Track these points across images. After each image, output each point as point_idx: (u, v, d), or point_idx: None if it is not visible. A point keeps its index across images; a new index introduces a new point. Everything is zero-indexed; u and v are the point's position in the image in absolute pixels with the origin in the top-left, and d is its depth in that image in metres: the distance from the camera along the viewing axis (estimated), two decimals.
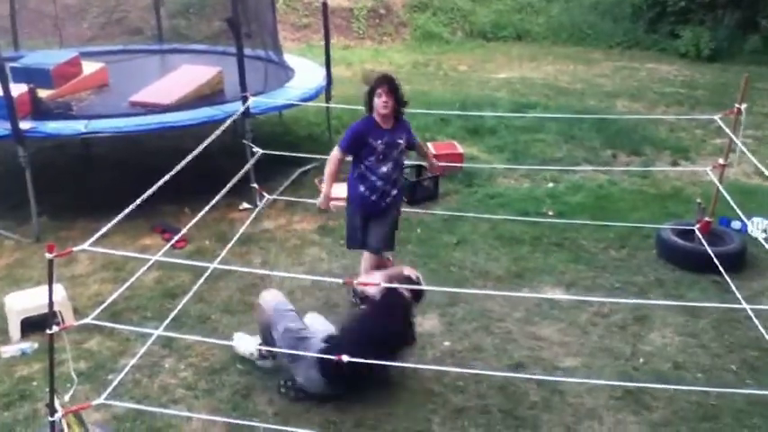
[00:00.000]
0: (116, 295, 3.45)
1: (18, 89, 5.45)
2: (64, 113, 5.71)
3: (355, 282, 4.03)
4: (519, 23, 14.20)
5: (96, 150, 6.92)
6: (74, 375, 3.11)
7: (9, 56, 6.42)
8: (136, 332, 3.90)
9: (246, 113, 5.49)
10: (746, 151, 4.86)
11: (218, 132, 4.62)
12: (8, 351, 3.92)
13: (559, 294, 4.59)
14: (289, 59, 7.50)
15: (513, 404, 3.53)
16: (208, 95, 6.16)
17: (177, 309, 3.95)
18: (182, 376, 3.73)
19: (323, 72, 7.07)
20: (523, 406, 3.53)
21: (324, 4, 7.27)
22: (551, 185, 6.51)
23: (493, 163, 6.89)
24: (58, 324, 2.91)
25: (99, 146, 6.82)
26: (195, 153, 4.10)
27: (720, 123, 5.05)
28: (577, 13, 14.25)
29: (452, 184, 6.38)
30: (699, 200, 5.29)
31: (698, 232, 5.03)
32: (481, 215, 5.63)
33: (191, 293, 4.14)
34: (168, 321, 3.84)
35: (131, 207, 3.32)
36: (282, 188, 6.12)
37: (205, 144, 4.31)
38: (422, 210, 5.77)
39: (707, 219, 5.03)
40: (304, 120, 8.14)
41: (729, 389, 3.57)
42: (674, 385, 3.60)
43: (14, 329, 4.04)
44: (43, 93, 5.89)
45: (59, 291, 4.06)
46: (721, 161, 4.95)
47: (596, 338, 4.13)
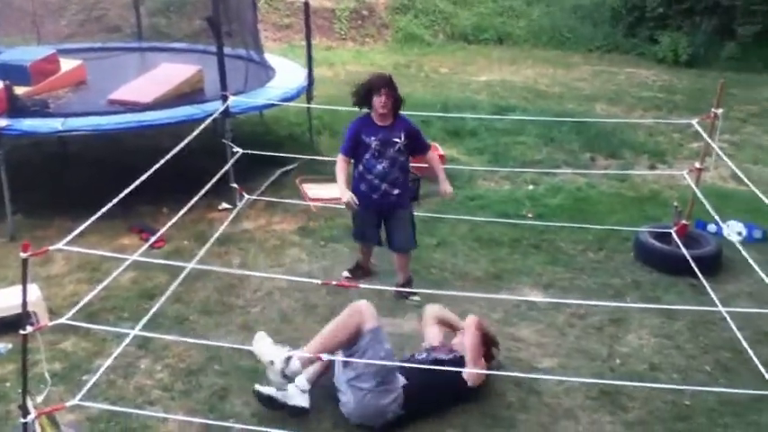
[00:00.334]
0: (92, 296, 3.42)
1: None
2: (41, 111, 5.62)
3: (334, 282, 3.99)
4: (500, 26, 14.27)
5: (73, 149, 6.83)
6: (47, 376, 3.07)
7: None
8: (112, 333, 3.85)
9: (226, 113, 5.46)
10: (723, 155, 4.93)
11: (197, 131, 4.60)
12: None
13: (537, 296, 4.62)
14: (270, 59, 7.47)
15: (490, 404, 3.55)
16: (187, 94, 6.11)
17: (154, 309, 3.91)
18: (158, 377, 3.69)
19: (304, 72, 7.05)
20: (500, 406, 3.55)
21: (305, 4, 7.26)
22: (531, 188, 6.55)
23: (473, 165, 6.92)
24: (33, 324, 2.87)
25: (76, 144, 6.73)
26: (174, 152, 4.08)
27: (697, 127, 5.13)
28: (558, 17, 14.35)
29: (433, 186, 6.37)
30: (676, 203, 5.36)
31: (675, 235, 5.09)
32: (461, 217, 5.65)
33: (168, 294, 4.11)
34: (145, 322, 3.80)
35: (108, 206, 3.29)
36: (263, 188, 6.09)
37: (184, 143, 4.28)
38: None
39: (683, 222, 5.10)
40: (285, 120, 8.11)
41: (703, 388, 3.61)
42: (650, 386, 3.64)
43: None
44: (20, 90, 5.80)
45: (34, 291, 4.01)
46: (698, 165, 5.01)
47: (573, 339, 4.17)
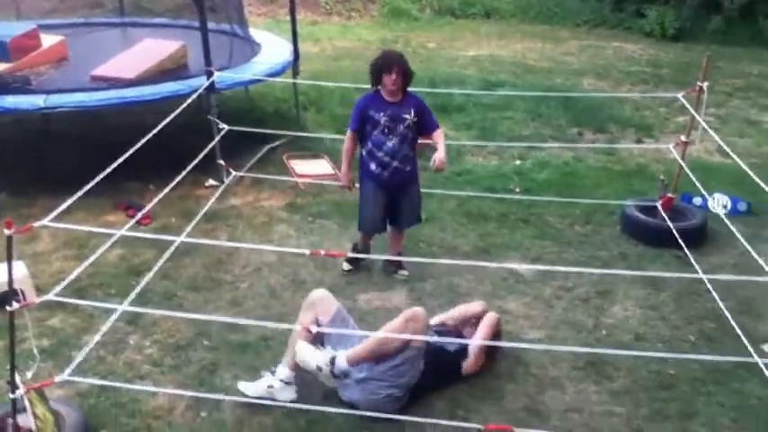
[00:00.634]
0: (79, 271, 3.38)
1: None
2: (22, 88, 5.55)
3: (323, 252, 3.95)
4: (487, 1, 14.19)
5: (56, 126, 6.74)
6: (36, 352, 3.06)
7: None
8: (100, 308, 3.84)
9: (211, 88, 5.41)
10: (708, 129, 4.95)
11: (182, 107, 4.56)
12: None
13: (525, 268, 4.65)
14: (255, 34, 7.38)
15: (479, 375, 3.58)
16: (171, 70, 6.03)
17: (142, 285, 3.90)
18: (147, 353, 3.70)
19: (290, 47, 6.99)
20: (488, 377, 3.59)
21: None
22: (518, 162, 6.56)
23: (461, 140, 6.91)
24: (19, 301, 2.86)
25: (59, 121, 6.64)
26: (159, 127, 4.05)
27: (683, 101, 5.14)
28: None
29: (421, 161, 6.34)
30: (662, 176, 5.39)
31: (660, 208, 5.13)
32: (449, 192, 5.66)
33: (155, 270, 4.10)
34: (133, 298, 3.80)
35: (93, 182, 3.26)
36: (249, 165, 6.06)
37: (169, 119, 4.24)
38: None
39: (669, 195, 5.13)
40: (271, 96, 8.05)
41: (687, 356, 3.67)
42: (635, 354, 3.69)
43: None
44: (0, 66, 5.71)
45: (21, 268, 3.98)
46: (684, 138, 5.03)
47: (560, 311, 4.21)
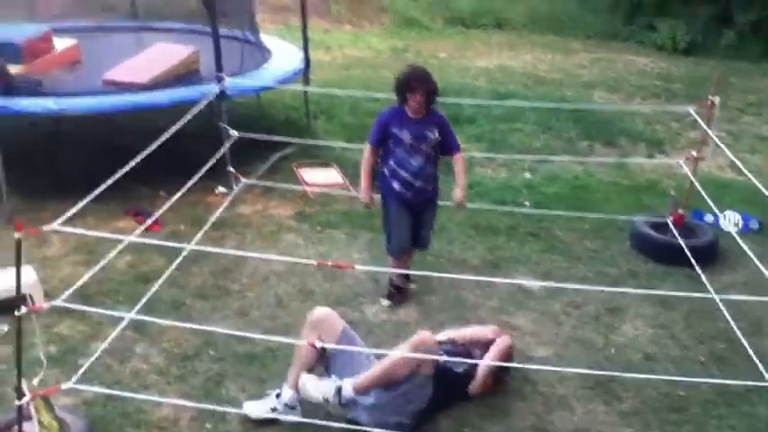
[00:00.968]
0: (87, 278, 3.38)
1: None
2: (34, 90, 5.56)
3: (330, 263, 3.92)
4: (499, 11, 14.17)
5: (68, 130, 6.77)
6: (43, 359, 3.05)
7: None
8: (107, 316, 3.83)
9: (222, 95, 5.40)
10: (720, 143, 4.92)
11: (192, 113, 4.55)
12: None
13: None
14: (266, 40, 7.39)
15: (486, 394, 3.55)
16: (183, 75, 6.04)
17: (150, 293, 3.89)
18: (153, 362, 3.68)
19: (301, 54, 6.98)
20: (496, 396, 3.56)
21: None
22: (528, 175, 6.53)
23: (471, 152, 6.87)
24: (28, 306, 2.85)
25: (70, 125, 6.67)
26: (169, 133, 4.06)
27: (695, 115, 5.12)
28: (556, 2, 14.27)
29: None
30: (672, 192, 5.36)
31: (671, 225, 5.09)
32: None
33: (164, 277, 4.09)
34: (141, 306, 3.79)
35: (102, 187, 3.27)
36: (260, 173, 6.05)
37: (179, 125, 4.25)
38: None
39: (680, 211, 5.10)
40: (281, 103, 8.04)
41: (698, 379, 3.63)
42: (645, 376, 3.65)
43: None
44: (13, 68, 5.73)
45: (30, 273, 3.98)
46: (695, 154, 5.00)
47: (569, 329, 4.18)
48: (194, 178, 4.29)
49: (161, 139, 3.98)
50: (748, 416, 3.49)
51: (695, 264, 4.71)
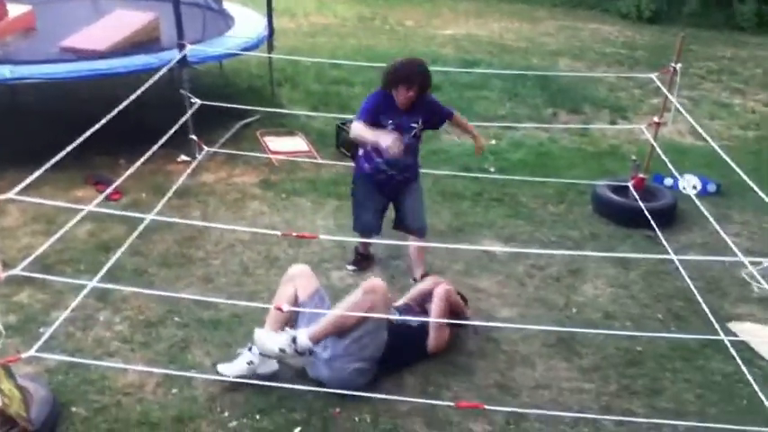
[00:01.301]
0: (46, 246, 3.33)
1: None
2: None
3: (294, 234, 3.92)
4: None
5: (24, 98, 6.60)
6: (1, 328, 3.01)
7: None
8: (68, 285, 3.78)
9: (184, 62, 5.31)
10: (681, 109, 5.00)
11: (153, 80, 4.47)
12: None
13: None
14: (229, 7, 7.26)
15: (450, 352, 3.61)
16: (143, 42, 5.90)
17: (112, 261, 3.84)
18: (117, 329, 3.66)
19: (265, 22, 6.88)
20: (460, 354, 3.61)
21: None
22: (494, 142, 6.57)
23: None
24: None
25: (27, 94, 6.50)
26: (129, 101, 3.97)
27: (657, 82, 5.18)
28: None
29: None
30: (634, 157, 5.44)
31: (632, 188, 5.18)
32: (424, 170, 5.61)
33: (126, 246, 4.04)
34: (102, 274, 3.74)
35: (61, 155, 3.19)
36: (223, 141, 5.99)
37: (139, 92, 4.17)
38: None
39: (641, 175, 5.19)
40: (245, 71, 7.95)
41: (654, 334, 3.74)
42: (604, 332, 3.75)
43: None
44: None
45: None
46: (656, 119, 5.08)
47: (532, 290, 4.25)
48: (155, 146, 4.22)
49: (120, 106, 3.90)
50: (702, 369, 3.61)
51: (655, 225, 4.81)
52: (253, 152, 5.79)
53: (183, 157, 5.60)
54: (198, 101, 5.24)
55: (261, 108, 6.36)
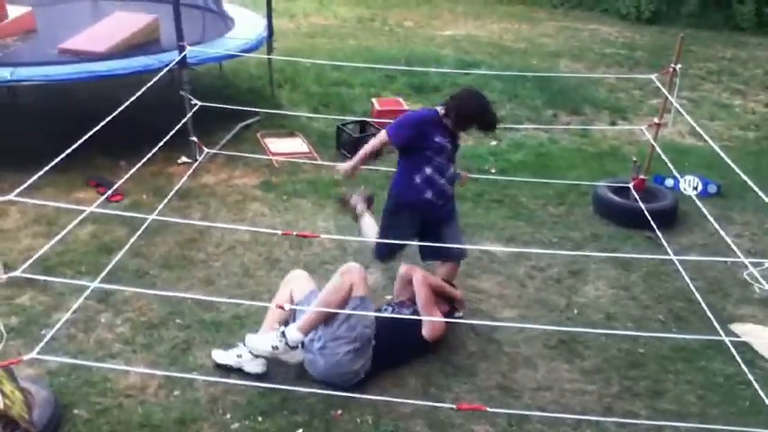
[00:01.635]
0: (47, 248, 3.32)
1: None
2: None
3: (295, 233, 3.91)
4: None
5: (24, 100, 6.60)
6: (3, 330, 3.01)
7: None
8: (70, 286, 3.78)
9: (183, 63, 5.30)
10: (681, 110, 5.00)
11: (153, 81, 4.48)
12: None
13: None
14: (228, 9, 7.26)
15: (452, 353, 3.61)
16: (142, 44, 5.91)
17: (113, 263, 3.83)
18: (118, 331, 3.65)
19: (264, 23, 6.88)
20: (461, 355, 3.62)
21: None
22: (494, 143, 6.57)
23: None
24: None
25: (27, 95, 6.50)
26: (129, 102, 3.98)
27: (657, 83, 5.18)
28: None
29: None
30: (634, 158, 5.44)
31: (632, 189, 5.18)
32: None
33: (127, 247, 4.03)
34: (104, 276, 3.73)
35: (61, 156, 3.20)
36: (223, 142, 5.98)
37: (139, 93, 4.17)
38: (365, 166, 5.73)
39: (641, 176, 5.19)
40: (245, 72, 7.94)
41: (656, 335, 3.74)
42: (606, 332, 3.74)
43: None
44: None
45: None
46: (656, 120, 5.08)
47: (533, 291, 4.25)
48: (155, 148, 4.21)
49: (121, 108, 3.90)
50: (704, 370, 3.61)
51: (655, 226, 4.81)
52: (253, 154, 5.79)
53: (184, 159, 5.59)
54: (198, 102, 5.24)
55: (261, 109, 6.36)
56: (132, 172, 3.99)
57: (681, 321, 4.03)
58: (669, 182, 5.62)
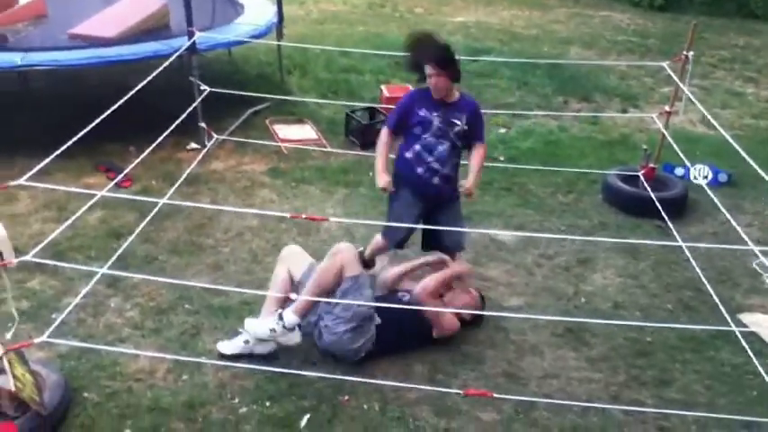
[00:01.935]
0: (58, 233, 3.36)
1: None
2: None
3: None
4: None
5: (35, 85, 6.62)
6: (15, 314, 3.04)
7: None
8: (80, 271, 3.81)
9: (193, 49, 5.30)
10: (692, 98, 4.96)
11: (162, 67, 4.48)
12: None
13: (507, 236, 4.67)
14: None
15: (459, 341, 3.61)
16: (152, 30, 5.91)
17: (122, 248, 3.86)
18: (128, 316, 3.68)
19: (274, 9, 6.86)
20: (469, 343, 3.62)
21: None
22: (503, 131, 6.54)
23: None
24: None
25: (37, 80, 6.52)
26: (138, 88, 3.99)
27: (668, 70, 5.13)
28: None
29: None
30: (644, 146, 5.41)
31: (642, 178, 5.15)
32: None
33: (136, 232, 4.06)
34: (113, 261, 3.76)
35: (71, 142, 3.22)
36: (232, 128, 5.99)
37: (149, 79, 4.18)
38: (374, 153, 5.72)
39: (651, 165, 5.16)
40: (254, 58, 7.93)
41: (664, 324, 3.73)
42: (613, 323, 3.74)
43: None
44: None
45: None
46: (667, 108, 5.04)
47: (541, 279, 4.24)
48: (165, 134, 4.22)
49: (130, 93, 3.91)
50: (712, 360, 3.60)
51: (665, 215, 4.79)
52: (262, 140, 5.79)
53: (193, 145, 5.60)
54: (207, 88, 5.24)
55: (270, 96, 6.35)
56: (142, 157, 4.01)
57: (689, 311, 4.02)
58: (679, 170, 5.58)
